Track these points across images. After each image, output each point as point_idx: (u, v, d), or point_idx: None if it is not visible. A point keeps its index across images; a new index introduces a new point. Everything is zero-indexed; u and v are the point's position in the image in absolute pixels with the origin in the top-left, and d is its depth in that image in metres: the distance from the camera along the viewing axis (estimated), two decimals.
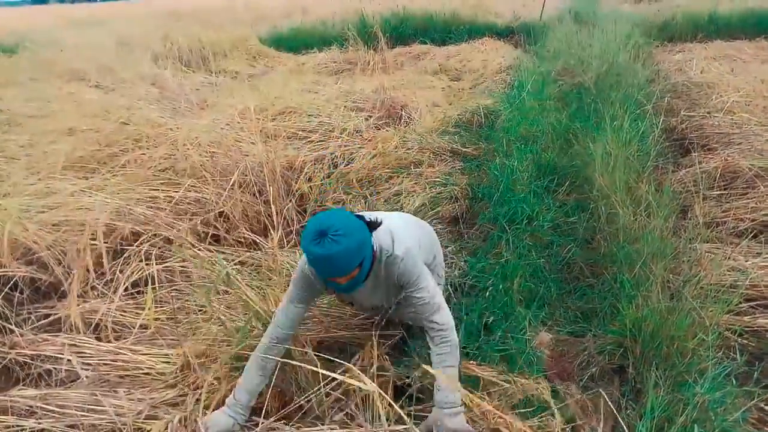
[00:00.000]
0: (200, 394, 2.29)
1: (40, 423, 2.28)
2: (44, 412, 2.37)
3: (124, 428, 2.21)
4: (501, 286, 2.82)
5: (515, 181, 3.83)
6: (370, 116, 5.71)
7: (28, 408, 2.47)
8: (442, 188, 4.17)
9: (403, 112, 5.84)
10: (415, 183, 4.28)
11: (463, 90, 7.29)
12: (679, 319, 2.44)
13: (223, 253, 3.51)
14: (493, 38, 10.31)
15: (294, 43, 11.35)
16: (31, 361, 2.73)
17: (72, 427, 2.31)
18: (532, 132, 4.68)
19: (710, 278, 2.84)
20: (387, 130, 5.25)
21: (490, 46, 9.69)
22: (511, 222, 3.42)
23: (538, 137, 4.60)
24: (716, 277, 2.91)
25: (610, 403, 2.25)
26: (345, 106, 5.79)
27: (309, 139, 5.07)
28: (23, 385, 2.63)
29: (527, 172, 3.94)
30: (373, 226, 2.08)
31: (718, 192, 4.03)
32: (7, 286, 3.01)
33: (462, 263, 3.29)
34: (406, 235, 2.21)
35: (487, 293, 2.79)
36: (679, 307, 2.52)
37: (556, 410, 2.14)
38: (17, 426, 2.30)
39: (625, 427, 1.96)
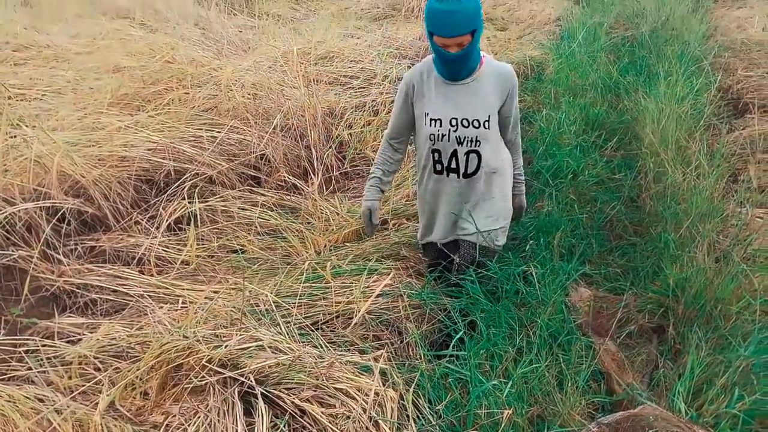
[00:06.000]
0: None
1: (85, 349, 2.37)
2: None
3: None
4: (541, 240, 2.77)
5: (561, 135, 3.73)
6: (413, 64, 5.57)
7: (75, 334, 2.57)
8: None
9: None
10: None
11: (509, 40, 7.06)
12: (725, 282, 2.38)
13: (264, 195, 3.53)
14: None
15: None
16: (77, 290, 2.82)
17: (118, 354, 2.40)
18: (581, 85, 4.53)
19: (760, 242, 2.75)
20: None
21: None
22: (554, 176, 3.34)
23: (587, 90, 4.45)
24: (767, 241, 2.82)
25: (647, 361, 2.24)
26: (387, 53, 5.68)
27: (350, 85, 5.00)
28: (70, 313, 2.73)
29: (574, 126, 3.83)
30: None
31: None
32: (55, 217, 3.08)
33: None
34: None
35: (527, 246, 2.75)
36: (726, 269, 2.45)
37: None
38: (64, 351, 2.39)
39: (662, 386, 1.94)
